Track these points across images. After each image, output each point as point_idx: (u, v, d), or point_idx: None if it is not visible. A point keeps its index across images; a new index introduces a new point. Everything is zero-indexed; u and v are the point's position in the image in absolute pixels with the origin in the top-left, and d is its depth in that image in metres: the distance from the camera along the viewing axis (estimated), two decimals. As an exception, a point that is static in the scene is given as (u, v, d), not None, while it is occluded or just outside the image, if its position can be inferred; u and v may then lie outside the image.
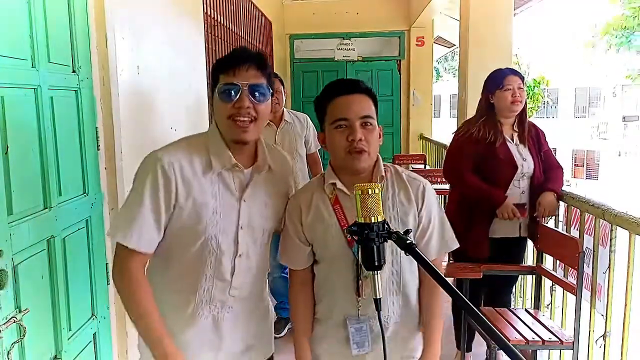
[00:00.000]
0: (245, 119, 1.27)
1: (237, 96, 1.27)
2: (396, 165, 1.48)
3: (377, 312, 1.12)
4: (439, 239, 1.44)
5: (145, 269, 1.35)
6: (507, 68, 2.68)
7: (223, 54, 3.95)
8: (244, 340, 1.45)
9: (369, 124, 1.35)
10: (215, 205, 1.31)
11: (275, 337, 3.17)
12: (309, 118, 3.20)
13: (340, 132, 1.35)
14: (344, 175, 1.40)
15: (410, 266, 1.43)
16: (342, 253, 1.39)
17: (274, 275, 3.22)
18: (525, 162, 2.59)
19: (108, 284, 1.95)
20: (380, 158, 1.43)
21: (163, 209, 1.27)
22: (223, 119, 1.29)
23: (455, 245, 1.47)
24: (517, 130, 2.63)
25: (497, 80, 2.59)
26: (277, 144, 2.95)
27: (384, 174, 1.41)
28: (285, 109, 3.08)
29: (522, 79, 2.63)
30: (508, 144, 2.59)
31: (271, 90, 1.33)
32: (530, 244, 3.12)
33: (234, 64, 1.28)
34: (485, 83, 2.66)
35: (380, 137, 1.41)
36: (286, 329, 3.30)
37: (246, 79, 1.28)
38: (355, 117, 1.34)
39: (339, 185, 1.39)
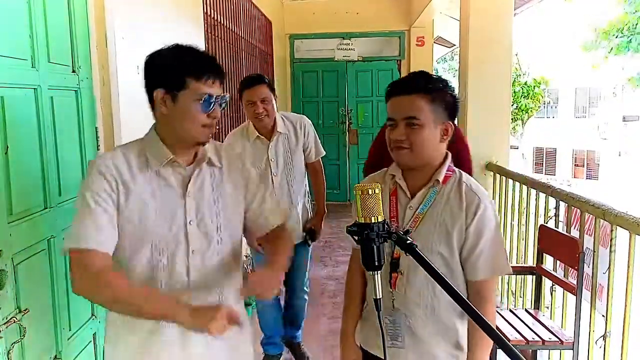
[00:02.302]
0: (214, 127, 1.31)
1: (213, 107, 1.28)
2: (465, 174, 1.47)
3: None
4: (488, 260, 1.39)
5: None
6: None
7: (223, 54, 3.96)
8: (217, 354, 1.37)
9: (414, 125, 1.37)
10: (156, 204, 1.28)
11: None
12: (307, 122, 2.78)
13: (389, 130, 1.42)
14: (406, 170, 1.46)
15: (445, 274, 1.35)
16: None
17: (264, 301, 2.74)
18: None
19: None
20: (448, 162, 1.44)
21: (110, 207, 1.23)
22: (196, 126, 1.28)
23: (507, 271, 1.45)
24: None
25: None
26: (270, 160, 2.63)
27: (441, 179, 1.41)
28: (278, 116, 2.65)
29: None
30: None
31: (228, 99, 1.36)
32: (531, 244, 3.13)
33: (210, 74, 1.27)
34: None
35: (446, 133, 1.41)
36: None
37: (218, 90, 1.29)
38: (400, 118, 1.39)
39: (398, 178, 1.45)
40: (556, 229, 2.73)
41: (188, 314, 1.17)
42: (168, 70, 1.28)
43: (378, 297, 1.09)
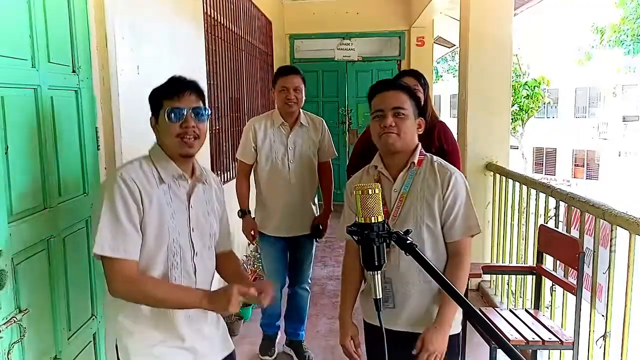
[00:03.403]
0: (191, 136, 1.46)
1: (184, 118, 1.46)
2: (436, 157, 1.74)
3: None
4: (462, 222, 1.65)
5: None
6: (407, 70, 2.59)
7: (223, 54, 3.96)
8: (212, 337, 1.59)
9: (401, 114, 1.63)
10: (171, 211, 1.47)
11: None
12: (325, 123, 2.96)
13: (377, 121, 1.65)
14: (386, 159, 1.70)
15: (432, 242, 1.66)
16: None
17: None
18: None
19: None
20: (419, 148, 1.71)
21: (136, 217, 1.40)
22: (172, 137, 1.46)
23: (478, 230, 1.69)
24: None
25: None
26: (289, 148, 2.78)
27: (416, 161, 1.68)
28: (302, 111, 2.84)
29: (419, 79, 2.52)
30: None
31: (209, 112, 1.54)
32: (530, 244, 3.12)
33: (178, 91, 1.46)
34: None
35: (420, 127, 1.70)
36: (275, 351, 3.07)
37: (189, 103, 1.47)
38: (388, 108, 1.62)
39: (380, 167, 1.70)
40: (556, 229, 2.73)
41: (207, 301, 1.38)
42: (152, 98, 1.53)
43: (378, 297, 1.09)
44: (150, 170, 1.47)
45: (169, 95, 1.47)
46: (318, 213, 2.96)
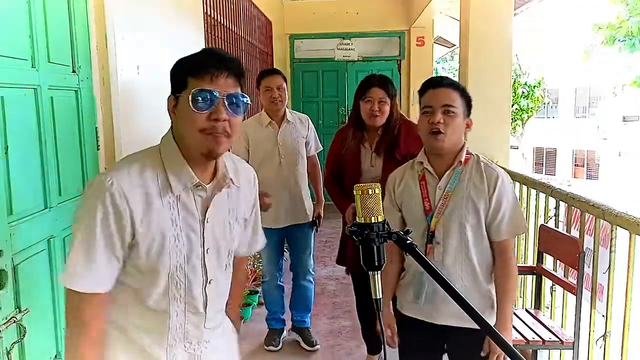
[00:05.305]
0: (220, 133, 1.11)
1: (214, 106, 1.10)
2: (481, 156, 1.75)
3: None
4: (509, 222, 1.67)
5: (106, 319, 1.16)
6: (376, 77, 2.53)
7: (223, 54, 3.95)
8: None
9: (450, 112, 1.63)
10: (176, 231, 1.13)
11: (271, 351, 3.16)
12: (310, 119, 3.16)
13: (425, 116, 1.67)
14: (432, 157, 1.72)
15: (475, 240, 1.68)
16: (419, 220, 1.72)
17: (270, 282, 3.11)
18: (373, 167, 2.49)
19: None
20: (466, 147, 1.72)
21: (118, 243, 1.09)
22: (193, 131, 1.11)
23: (524, 230, 1.76)
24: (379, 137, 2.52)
25: (362, 91, 2.50)
26: (279, 144, 2.94)
27: (462, 160, 1.69)
28: (287, 109, 3.03)
29: (388, 90, 2.48)
30: (362, 148, 2.52)
31: (248, 101, 1.18)
32: (531, 244, 3.12)
33: (212, 69, 1.10)
34: (356, 90, 2.56)
35: (468, 127, 1.71)
36: (281, 341, 3.17)
37: (224, 87, 1.11)
38: (438, 105, 1.63)
39: (425, 164, 1.72)
40: (556, 229, 2.73)
41: None
42: (174, 73, 1.17)
43: (378, 297, 1.08)
44: (155, 176, 1.12)
45: (198, 71, 1.10)
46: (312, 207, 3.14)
